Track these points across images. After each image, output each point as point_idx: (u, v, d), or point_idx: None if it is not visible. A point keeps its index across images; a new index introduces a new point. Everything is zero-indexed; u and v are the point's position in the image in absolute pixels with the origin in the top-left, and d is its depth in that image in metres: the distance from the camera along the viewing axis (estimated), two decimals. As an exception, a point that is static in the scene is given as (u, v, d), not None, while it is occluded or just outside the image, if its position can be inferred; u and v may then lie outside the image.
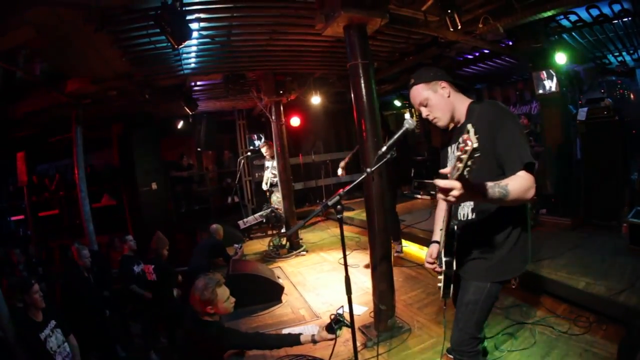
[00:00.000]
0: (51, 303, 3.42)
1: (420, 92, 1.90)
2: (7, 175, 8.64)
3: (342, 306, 2.45)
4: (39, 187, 8.41)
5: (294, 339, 2.54)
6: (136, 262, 4.74)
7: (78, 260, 4.27)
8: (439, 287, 2.14)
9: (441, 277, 2.10)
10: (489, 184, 1.53)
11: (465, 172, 1.35)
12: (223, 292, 2.56)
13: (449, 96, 1.91)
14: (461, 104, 1.93)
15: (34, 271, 6.07)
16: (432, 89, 1.89)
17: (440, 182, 1.43)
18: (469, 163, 1.30)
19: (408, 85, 1.95)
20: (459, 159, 1.32)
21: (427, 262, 2.11)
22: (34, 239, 7.97)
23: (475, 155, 1.27)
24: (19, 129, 7.39)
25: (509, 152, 1.68)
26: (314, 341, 2.49)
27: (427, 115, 1.92)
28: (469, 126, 1.27)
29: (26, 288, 3.20)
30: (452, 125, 1.97)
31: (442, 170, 1.55)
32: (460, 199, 1.44)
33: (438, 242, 2.12)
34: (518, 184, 1.56)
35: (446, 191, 1.42)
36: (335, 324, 2.38)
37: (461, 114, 1.93)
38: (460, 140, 1.29)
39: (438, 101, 1.89)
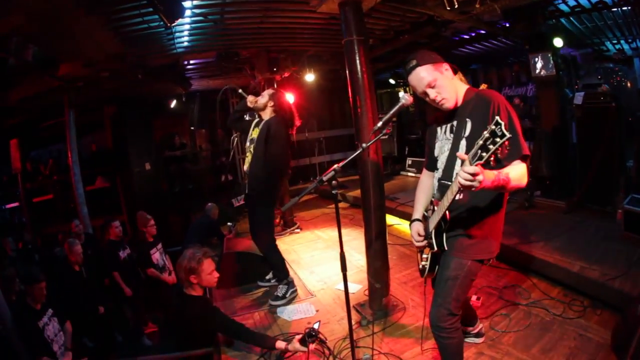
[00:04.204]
0: (48, 291, 3.42)
1: (428, 72, 1.86)
2: (1, 165, 8.55)
3: (319, 321, 2.65)
4: (33, 173, 8.35)
5: (270, 343, 2.63)
6: (122, 247, 4.72)
7: (70, 256, 4.24)
8: (423, 267, 2.14)
9: (425, 256, 2.10)
10: (495, 172, 1.61)
11: (491, 160, 1.45)
12: (208, 264, 2.62)
13: (452, 78, 1.93)
14: (460, 87, 1.96)
15: (30, 258, 6.05)
16: (439, 70, 1.87)
17: (469, 169, 1.49)
18: (498, 153, 1.42)
19: (408, 67, 1.90)
20: (485, 148, 1.42)
21: (417, 240, 2.11)
22: (28, 225, 7.93)
23: (504, 145, 1.40)
24: (12, 116, 7.31)
25: (510, 143, 1.69)
26: (287, 350, 2.58)
27: (435, 97, 1.89)
28: (498, 118, 1.39)
29: (30, 281, 3.21)
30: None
31: (461, 155, 1.61)
32: (482, 185, 1.53)
33: (420, 220, 2.12)
34: (517, 173, 1.67)
35: (473, 177, 1.49)
36: (308, 337, 2.49)
37: (459, 98, 1.94)
38: (487, 132, 1.41)
39: (445, 82, 1.88)
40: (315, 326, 2.56)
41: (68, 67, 5.23)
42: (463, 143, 1.86)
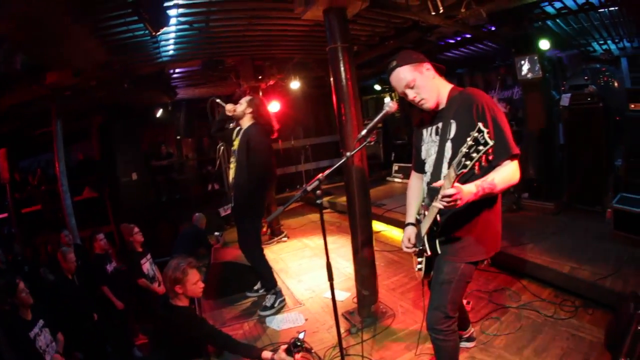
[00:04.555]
0: (38, 302, 3.38)
1: (406, 73, 1.87)
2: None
3: (304, 331, 2.66)
4: (21, 183, 8.25)
5: (257, 354, 2.62)
6: (108, 261, 4.67)
7: (63, 264, 4.19)
8: (419, 270, 2.14)
9: (420, 259, 2.09)
10: (477, 183, 1.64)
11: (475, 168, 1.46)
12: (193, 274, 2.62)
13: (433, 77, 1.91)
14: (443, 87, 1.94)
15: (20, 270, 5.96)
16: (418, 70, 1.87)
17: (447, 192, 1.53)
18: (482, 160, 1.43)
19: (389, 68, 1.92)
20: (469, 157, 1.42)
21: (407, 246, 2.12)
22: (18, 236, 7.82)
23: (488, 152, 1.41)
24: (0, 125, 7.23)
25: (496, 143, 1.68)
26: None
27: (414, 97, 1.89)
28: (481, 125, 1.40)
29: (12, 290, 3.16)
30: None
31: (437, 183, 1.66)
32: (463, 202, 1.57)
33: (413, 224, 2.11)
34: (504, 175, 1.68)
35: (452, 197, 1.54)
36: (293, 347, 2.49)
37: (442, 98, 1.93)
38: (470, 139, 1.41)
39: (425, 82, 1.88)
40: (301, 336, 2.56)
41: (55, 76, 5.18)
42: (449, 145, 1.86)
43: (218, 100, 3.87)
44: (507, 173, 1.69)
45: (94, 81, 5.34)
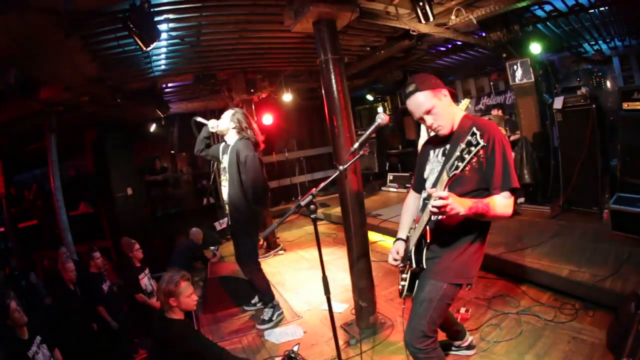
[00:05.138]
0: (34, 317, 3.33)
1: (427, 99, 1.86)
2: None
3: (298, 344, 2.74)
4: (17, 198, 8.22)
5: None
6: (103, 280, 4.64)
7: (63, 274, 4.17)
8: (402, 287, 2.12)
9: (405, 275, 2.08)
10: (473, 200, 1.67)
11: (466, 170, 1.49)
12: (187, 286, 2.63)
13: (450, 105, 1.92)
14: (458, 115, 1.96)
15: (17, 285, 5.92)
16: (437, 97, 1.87)
17: (439, 193, 1.56)
18: (473, 161, 1.47)
19: (407, 92, 1.90)
20: (461, 158, 1.47)
21: (394, 258, 2.10)
22: (15, 251, 7.78)
23: (479, 153, 1.45)
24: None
25: (499, 174, 1.76)
26: None
27: (432, 123, 1.89)
28: (474, 129, 1.44)
29: (4, 312, 3.13)
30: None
31: (429, 190, 1.68)
32: (454, 212, 1.58)
33: (404, 240, 2.11)
34: (500, 204, 1.72)
35: (442, 206, 1.56)
36: None
37: (455, 124, 1.94)
38: (463, 143, 1.46)
39: (443, 110, 1.88)
40: (295, 348, 2.60)
41: (49, 91, 5.17)
42: None
43: (199, 119, 3.80)
44: (503, 203, 1.73)
45: (86, 96, 5.33)
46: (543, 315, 3.03)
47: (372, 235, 5.75)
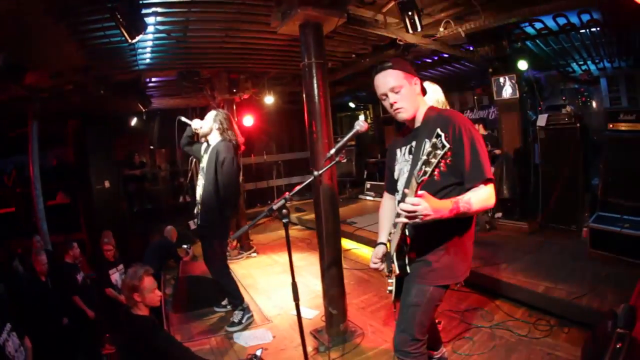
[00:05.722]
0: (4, 306, 3.29)
1: (396, 77, 1.82)
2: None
3: (262, 348, 2.79)
4: (-3, 184, 8.08)
5: None
6: (78, 271, 4.58)
7: (35, 266, 4.09)
8: (390, 291, 2.10)
9: (391, 280, 2.06)
10: (453, 200, 1.62)
11: (435, 174, 1.46)
12: (150, 282, 2.62)
13: (418, 94, 1.89)
14: (422, 105, 1.92)
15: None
16: (408, 80, 1.84)
17: (410, 200, 1.52)
18: (441, 164, 1.44)
19: (379, 67, 1.86)
20: (428, 163, 1.42)
21: (373, 263, 2.09)
22: (-9, 238, 7.62)
23: (446, 156, 1.42)
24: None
25: (471, 166, 1.70)
26: None
27: (394, 102, 1.84)
28: (438, 130, 1.39)
29: None
30: (408, 122, 1.94)
31: (406, 190, 1.62)
32: (429, 217, 1.53)
33: (384, 244, 2.09)
34: (480, 197, 1.66)
35: (413, 211, 1.51)
36: None
37: (419, 115, 1.91)
38: (428, 145, 1.41)
39: (409, 94, 1.84)
40: (258, 353, 2.61)
41: (34, 77, 5.09)
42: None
43: (183, 119, 3.80)
44: (483, 195, 1.68)
45: (70, 85, 5.25)
46: (517, 330, 3.03)
47: (346, 243, 5.73)
